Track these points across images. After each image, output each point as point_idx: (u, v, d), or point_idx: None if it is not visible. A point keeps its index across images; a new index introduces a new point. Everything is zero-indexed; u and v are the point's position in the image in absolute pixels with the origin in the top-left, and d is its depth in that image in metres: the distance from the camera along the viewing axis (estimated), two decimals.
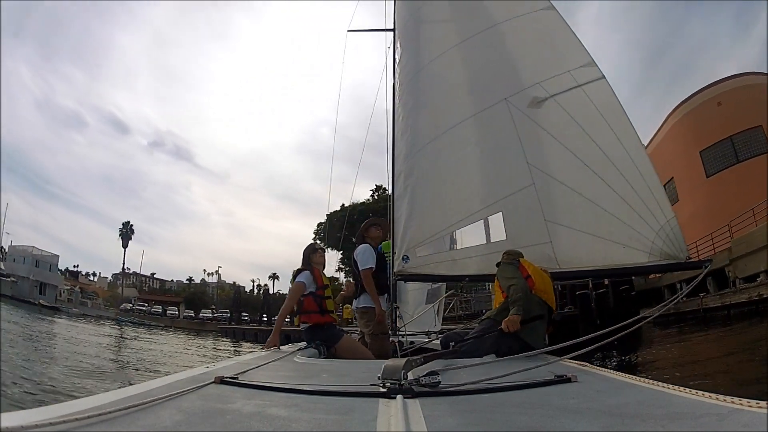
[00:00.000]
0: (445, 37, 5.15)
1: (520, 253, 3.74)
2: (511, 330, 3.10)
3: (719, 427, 1.13)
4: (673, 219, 3.98)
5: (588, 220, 4.08)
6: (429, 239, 4.73)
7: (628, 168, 4.04)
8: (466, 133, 4.73)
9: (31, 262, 42.05)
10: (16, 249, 44.77)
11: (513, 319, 3.10)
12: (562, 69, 4.34)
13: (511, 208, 4.39)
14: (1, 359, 7.19)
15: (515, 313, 3.13)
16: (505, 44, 4.77)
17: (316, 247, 4.09)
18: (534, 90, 4.40)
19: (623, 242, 3.96)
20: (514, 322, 3.10)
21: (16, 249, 44.77)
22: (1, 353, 7.92)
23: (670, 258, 3.90)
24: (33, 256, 42.99)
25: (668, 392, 1.54)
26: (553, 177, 4.25)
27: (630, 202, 3.99)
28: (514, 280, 3.31)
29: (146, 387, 1.62)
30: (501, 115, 4.51)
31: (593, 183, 4.09)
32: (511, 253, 3.74)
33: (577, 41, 4.39)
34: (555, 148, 4.27)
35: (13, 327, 15.88)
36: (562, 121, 4.27)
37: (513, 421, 1.27)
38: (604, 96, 4.21)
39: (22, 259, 42.27)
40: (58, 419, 1.08)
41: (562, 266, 4.07)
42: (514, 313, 3.13)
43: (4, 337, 11.33)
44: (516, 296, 3.20)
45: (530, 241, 4.20)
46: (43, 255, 44.52)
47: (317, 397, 1.58)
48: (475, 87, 4.86)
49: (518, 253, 3.73)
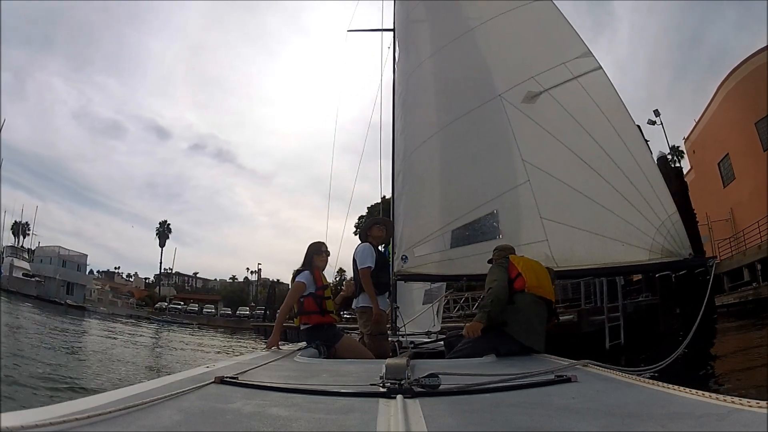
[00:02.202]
0: (439, 35, 5.35)
1: (511, 248, 3.80)
2: (471, 335, 3.16)
3: (719, 427, 1.17)
4: (674, 214, 4.04)
5: (585, 217, 4.19)
6: (425, 239, 4.95)
7: (627, 162, 4.11)
8: (460, 131, 4.90)
9: (57, 262, 44.12)
10: (43, 250, 47.32)
11: (474, 326, 3.17)
12: (557, 61, 4.43)
13: (505, 207, 4.55)
14: (1, 359, 7.57)
15: (478, 319, 3.18)
16: (498, 40, 4.90)
17: (322, 249, 4.11)
18: (528, 84, 4.52)
19: (622, 239, 4.05)
20: (475, 329, 3.15)
21: (43, 250, 47.32)
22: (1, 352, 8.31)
23: (672, 255, 3.96)
24: (60, 256, 44.96)
25: (668, 392, 1.60)
26: (548, 173, 4.38)
27: (629, 198, 4.07)
28: (494, 283, 3.32)
29: (146, 387, 1.68)
30: (495, 112, 4.66)
31: (590, 179, 4.19)
32: (501, 248, 3.80)
33: (573, 32, 4.47)
34: (550, 143, 4.39)
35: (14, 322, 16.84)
36: (557, 116, 4.38)
37: (513, 421, 1.32)
38: (601, 87, 4.29)
39: (49, 260, 44.54)
40: (58, 419, 1.12)
41: (559, 264, 4.18)
42: (477, 319, 3.19)
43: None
44: (486, 301, 3.24)
45: (526, 240, 4.36)
46: (70, 255, 46.44)
47: (317, 397, 1.63)
48: (469, 84, 5.01)
49: (509, 248, 3.79)
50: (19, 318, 19.12)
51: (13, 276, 38.64)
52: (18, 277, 38.82)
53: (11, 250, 44.76)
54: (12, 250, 44.90)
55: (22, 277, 39.14)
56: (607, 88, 4.29)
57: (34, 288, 38.04)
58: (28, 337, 13.07)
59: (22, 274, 39.99)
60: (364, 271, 4.39)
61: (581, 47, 4.40)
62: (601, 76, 4.32)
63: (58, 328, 18.01)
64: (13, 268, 39.77)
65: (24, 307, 26.46)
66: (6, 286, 36.00)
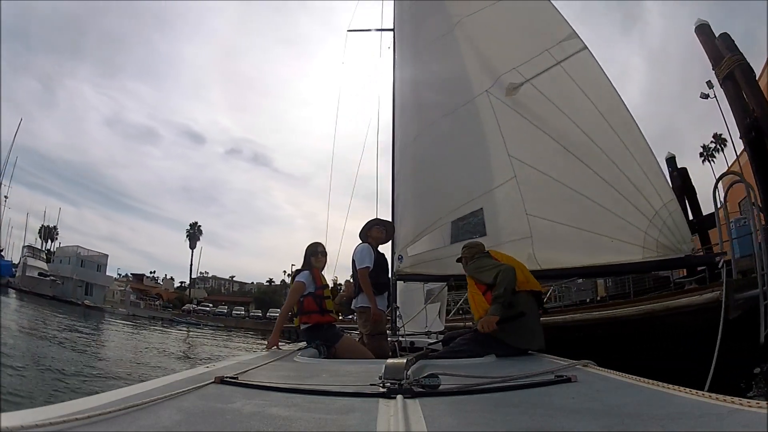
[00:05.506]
0: (430, 33, 5.52)
1: (482, 244, 3.85)
2: (487, 330, 3.08)
3: (719, 427, 1.23)
4: (672, 202, 3.88)
5: (571, 212, 4.22)
6: (415, 239, 5.25)
7: (615, 147, 4.04)
8: (448, 129, 5.11)
9: (75, 262, 45.47)
10: (63, 250, 49.81)
11: (489, 320, 3.09)
12: (539, 49, 4.48)
13: (492, 204, 4.70)
14: (1, 359, 7.95)
15: (492, 312, 3.10)
16: (483, 33, 5.03)
17: (319, 250, 4.33)
18: (510, 76, 4.60)
19: (610, 234, 4.00)
20: (490, 323, 3.07)
21: (63, 250, 49.81)
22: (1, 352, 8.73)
23: (668, 251, 3.81)
24: (78, 257, 46.76)
25: (668, 392, 1.68)
26: (534, 168, 4.48)
27: (617, 187, 4.00)
28: (503, 266, 3.26)
29: (146, 387, 1.78)
30: (482, 108, 4.81)
31: (575, 169, 4.20)
32: (472, 246, 3.81)
33: (557, 14, 4.49)
34: (536, 136, 4.46)
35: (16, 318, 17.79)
36: (541, 106, 4.44)
37: (513, 421, 1.39)
38: (586, 69, 4.27)
39: (68, 260, 45.90)
40: (58, 419, 1.19)
41: (542, 265, 4.21)
42: (492, 312, 3.11)
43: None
44: (500, 291, 3.15)
45: (510, 237, 4.50)
46: (90, 255, 47.83)
47: (317, 397, 1.73)
48: (458, 81, 5.16)
49: (480, 244, 3.84)
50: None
51: (26, 275, 40.50)
52: (32, 277, 40.54)
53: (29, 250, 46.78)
54: (30, 250, 46.89)
55: (36, 277, 40.82)
56: (592, 69, 4.24)
57: (49, 287, 39.73)
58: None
59: (38, 273, 41.71)
60: (362, 272, 4.65)
61: (566, 30, 4.39)
62: (586, 57, 4.28)
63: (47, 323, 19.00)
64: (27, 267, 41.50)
65: (29, 305, 27.68)
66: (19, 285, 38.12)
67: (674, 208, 3.86)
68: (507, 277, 3.18)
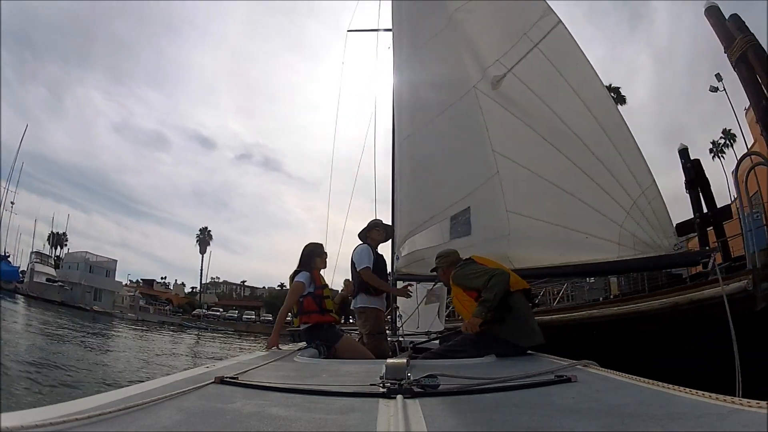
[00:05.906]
0: (424, 31, 5.56)
1: (456, 251, 3.84)
2: (470, 332, 3.17)
3: (719, 427, 1.25)
4: (651, 188, 3.46)
5: (548, 207, 4.14)
6: (406, 238, 5.32)
7: (589, 129, 3.81)
8: (442, 127, 5.13)
9: (84, 268, 46.43)
10: (72, 255, 50.62)
11: (473, 322, 3.16)
12: (518, 34, 4.40)
13: (478, 202, 4.70)
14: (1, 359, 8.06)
15: (477, 314, 3.16)
16: (472, 28, 5.02)
17: (321, 251, 4.36)
18: (494, 69, 4.58)
19: (585, 230, 3.80)
20: (474, 325, 3.15)
21: (72, 255, 50.62)
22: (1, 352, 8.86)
23: (647, 248, 3.45)
24: (87, 262, 47.27)
25: (668, 392, 1.69)
26: (515, 162, 4.46)
27: (592, 175, 3.73)
28: (497, 271, 3.26)
29: (146, 387, 1.81)
30: (470, 105, 4.80)
31: (553, 160, 4.09)
32: (446, 255, 3.81)
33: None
34: (517, 128, 4.42)
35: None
36: (521, 96, 4.40)
37: (513, 421, 1.41)
38: (560, 45, 4.17)
39: (76, 266, 46.83)
40: (58, 419, 1.21)
41: (514, 264, 4.07)
42: (476, 314, 3.16)
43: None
44: (489, 295, 3.14)
45: (492, 235, 4.51)
46: (98, 261, 48.93)
47: (317, 397, 1.75)
48: (449, 78, 5.19)
49: (454, 252, 3.84)
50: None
51: (34, 281, 41.47)
52: (40, 282, 41.48)
53: (37, 255, 47.77)
54: (38, 255, 47.91)
55: (44, 282, 41.70)
56: (566, 43, 4.14)
57: (57, 293, 40.73)
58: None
59: (46, 279, 42.64)
60: (364, 271, 4.71)
61: (541, 7, 4.30)
62: (560, 32, 4.17)
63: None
64: (35, 273, 42.53)
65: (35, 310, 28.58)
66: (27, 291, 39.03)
67: (653, 195, 3.47)
68: (500, 281, 3.18)
